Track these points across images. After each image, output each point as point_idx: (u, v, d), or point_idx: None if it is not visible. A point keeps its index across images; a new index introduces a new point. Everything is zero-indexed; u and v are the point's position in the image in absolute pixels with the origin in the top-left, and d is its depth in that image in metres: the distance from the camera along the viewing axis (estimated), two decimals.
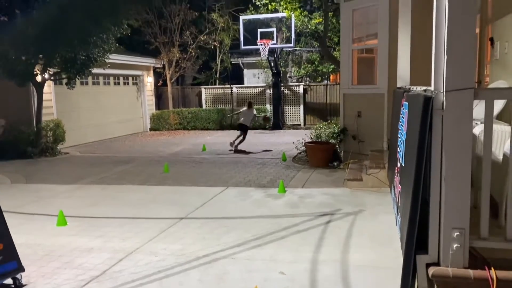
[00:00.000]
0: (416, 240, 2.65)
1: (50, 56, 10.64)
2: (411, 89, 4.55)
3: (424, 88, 3.51)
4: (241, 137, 11.71)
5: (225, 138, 14.75)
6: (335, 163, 8.66)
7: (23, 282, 3.75)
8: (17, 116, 11.54)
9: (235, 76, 22.72)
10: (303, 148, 9.80)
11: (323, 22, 15.18)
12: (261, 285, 3.60)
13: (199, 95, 19.79)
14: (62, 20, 9.88)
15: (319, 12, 16.71)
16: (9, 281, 3.68)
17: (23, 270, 3.68)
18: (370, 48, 8.93)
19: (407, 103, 3.84)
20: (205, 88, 19.82)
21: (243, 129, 11.73)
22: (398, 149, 4.36)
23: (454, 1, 2.31)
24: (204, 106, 19.26)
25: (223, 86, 20.07)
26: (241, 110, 12.46)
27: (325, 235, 4.78)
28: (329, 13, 14.29)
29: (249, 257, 4.24)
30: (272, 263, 4.06)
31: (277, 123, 17.24)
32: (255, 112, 12.62)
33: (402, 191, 3.59)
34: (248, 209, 5.97)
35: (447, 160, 2.47)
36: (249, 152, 11.28)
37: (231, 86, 19.33)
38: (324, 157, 8.78)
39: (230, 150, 11.55)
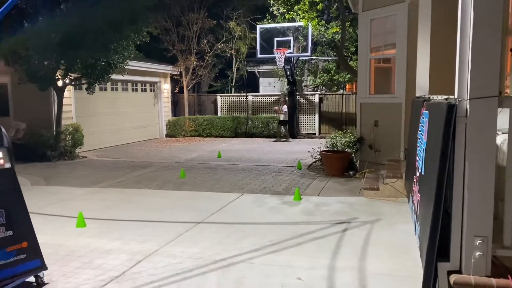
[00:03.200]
0: (437, 248, 2.64)
1: (72, 62, 10.87)
2: (431, 98, 4.54)
3: (445, 97, 3.51)
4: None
5: (240, 145, 14.84)
6: (351, 172, 8.63)
7: (45, 280, 3.82)
8: (38, 120, 11.79)
9: (250, 84, 22.86)
10: (319, 156, 9.80)
11: (340, 31, 15.23)
12: None
13: (214, 102, 19.95)
14: (83, 27, 10.10)
15: (336, 22, 16.77)
16: (31, 279, 3.76)
17: (46, 268, 3.75)
18: (387, 58, 8.93)
19: (427, 111, 3.84)
20: (220, 96, 19.98)
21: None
22: (417, 158, 4.35)
23: (480, 9, 2.33)
24: (219, 114, 19.40)
25: (239, 94, 20.20)
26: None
27: (342, 243, 4.77)
28: (347, 23, 14.33)
29: (266, 262, 4.26)
30: (289, 268, 4.07)
31: (292, 131, 17.26)
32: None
33: (422, 199, 3.58)
34: (264, 216, 5.99)
35: (470, 168, 2.47)
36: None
37: (247, 94, 19.44)
38: (340, 166, 8.77)
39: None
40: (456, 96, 2.53)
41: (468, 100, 2.43)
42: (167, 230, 5.31)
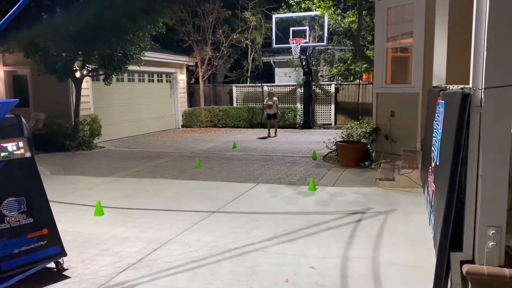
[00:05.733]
0: (450, 237, 2.64)
1: (89, 53, 11.01)
2: (447, 87, 4.49)
3: (461, 86, 3.47)
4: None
5: (255, 136, 14.87)
6: (366, 163, 8.59)
7: (65, 266, 3.94)
8: (56, 111, 12.00)
9: (266, 74, 22.80)
10: (334, 147, 9.77)
11: (356, 20, 15.05)
12: (292, 278, 3.66)
13: (230, 93, 19.98)
14: (100, 18, 10.20)
15: (353, 11, 16.56)
16: (51, 264, 3.88)
17: (65, 254, 3.86)
18: (404, 47, 8.81)
19: (443, 101, 3.80)
20: (236, 86, 19.99)
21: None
22: (433, 148, 4.32)
23: None
24: (235, 104, 19.43)
25: (254, 84, 20.18)
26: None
27: (356, 233, 4.78)
28: (363, 12, 14.15)
29: (280, 251, 4.30)
30: (302, 257, 4.11)
31: (307, 122, 17.21)
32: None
33: (436, 190, 3.56)
34: (279, 205, 6.03)
35: (484, 158, 2.45)
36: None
37: (262, 84, 19.41)
38: (355, 157, 8.73)
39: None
40: (470, 85, 2.51)
41: (482, 90, 2.40)
42: (183, 219, 5.39)
